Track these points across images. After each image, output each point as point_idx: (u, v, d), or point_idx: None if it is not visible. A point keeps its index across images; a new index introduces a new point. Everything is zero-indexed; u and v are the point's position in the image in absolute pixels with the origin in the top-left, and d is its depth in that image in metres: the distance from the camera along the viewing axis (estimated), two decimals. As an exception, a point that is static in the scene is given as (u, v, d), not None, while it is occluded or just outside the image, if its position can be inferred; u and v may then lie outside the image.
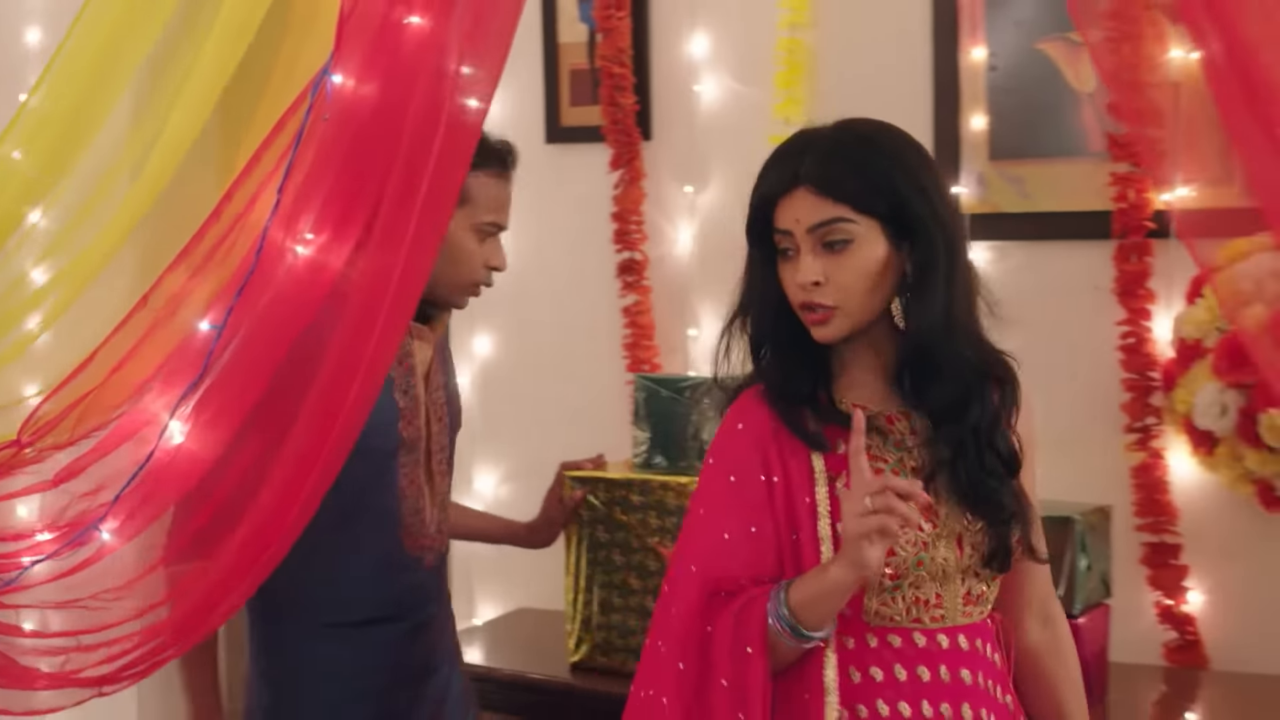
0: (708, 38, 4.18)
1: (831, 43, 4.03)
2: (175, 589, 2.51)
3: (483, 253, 2.91)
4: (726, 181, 4.14)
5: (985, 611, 2.31)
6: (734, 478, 2.29)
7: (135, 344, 2.42)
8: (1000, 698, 2.29)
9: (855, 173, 2.19)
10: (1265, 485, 3.37)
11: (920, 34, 3.89)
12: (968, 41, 3.83)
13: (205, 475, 2.36)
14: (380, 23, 2.23)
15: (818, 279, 2.18)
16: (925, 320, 2.20)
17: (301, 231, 2.26)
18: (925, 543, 2.21)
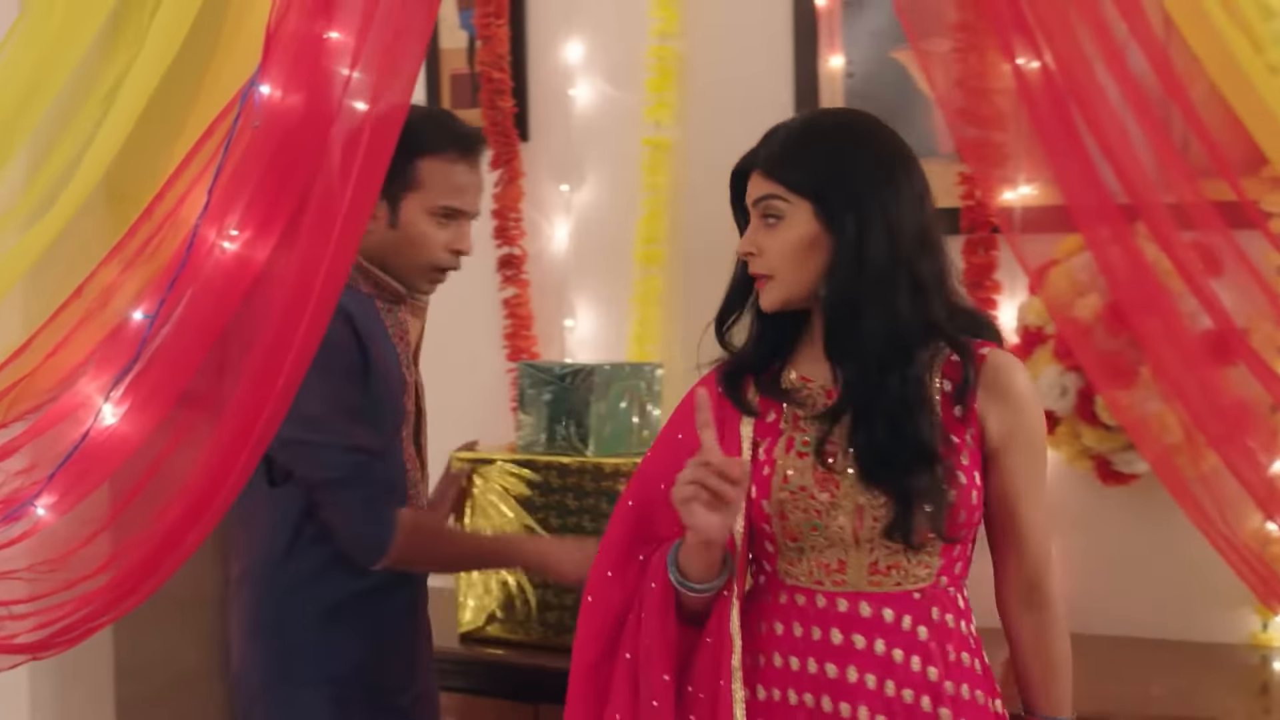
0: (582, 45, 4.28)
1: (700, 50, 4.15)
2: (110, 560, 2.60)
3: (443, 236, 2.92)
4: (600, 181, 4.26)
5: (905, 583, 2.35)
6: (680, 435, 2.46)
7: (69, 332, 2.57)
8: (921, 670, 2.33)
9: (793, 158, 2.36)
10: (1102, 461, 3.55)
11: (782, 43, 4.02)
12: (826, 50, 3.97)
13: (139, 453, 2.49)
14: (303, 37, 2.38)
15: (750, 250, 2.38)
16: (828, 297, 2.34)
17: (228, 228, 2.41)
18: (819, 510, 2.34)
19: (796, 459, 2.37)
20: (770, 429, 2.42)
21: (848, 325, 2.32)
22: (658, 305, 4.17)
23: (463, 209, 2.93)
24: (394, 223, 2.89)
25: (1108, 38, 2.56)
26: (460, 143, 2.91)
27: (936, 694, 2.32)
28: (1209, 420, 2.71)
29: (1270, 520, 2.93)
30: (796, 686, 2.35)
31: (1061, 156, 2.69)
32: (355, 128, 2.39)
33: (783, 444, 2.40)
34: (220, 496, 2.52)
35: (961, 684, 2.35)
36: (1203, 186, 2.64)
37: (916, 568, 2.35)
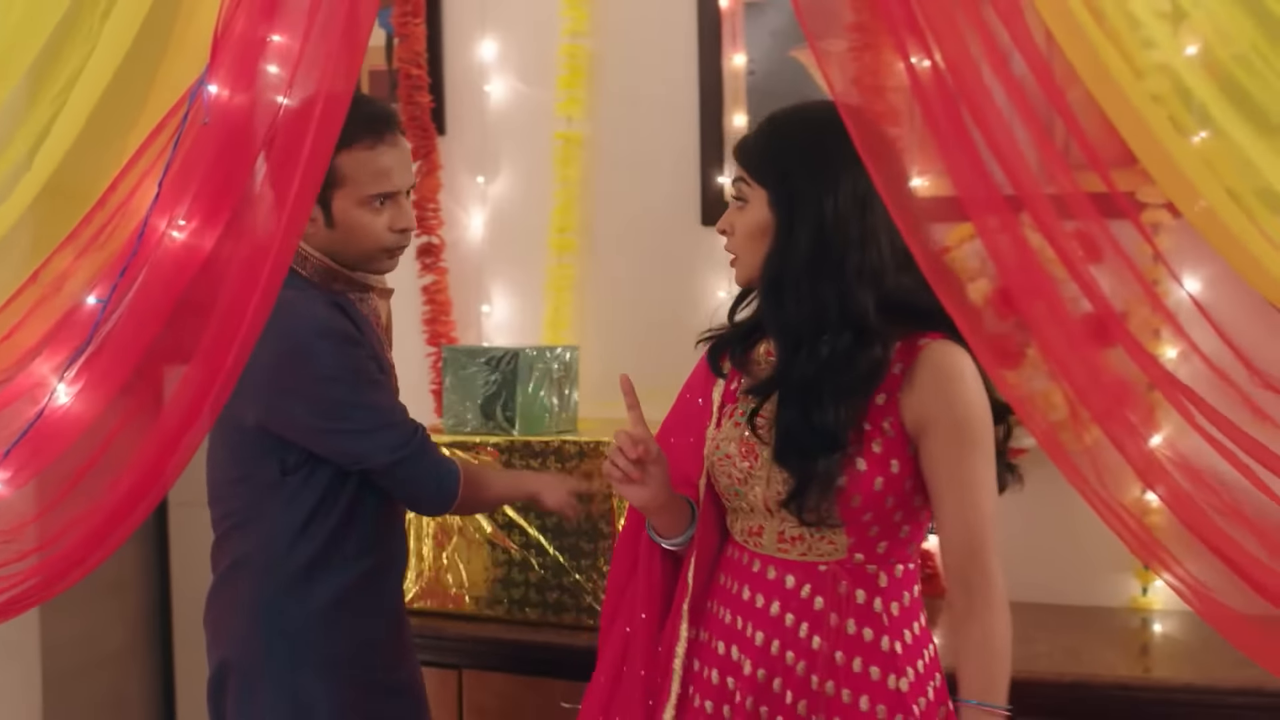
0: (496, 43, 4.38)
1: (609, 49, 4.27)
2: (57, 535, 2.70)
3: (382, 221, 2.91)
4: (515, 173, 4.37)
5: (810, 555, 2.48)
6: (687, 396, 2.72)
7: (24, 315, 2.66)
8: (806, 637, 2.46)
9: (757, 149, 2.53)
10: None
11: (687, 42, 4.14)
12: (729, 49, 4.09)
13: (91, 430, 2.61)
14: (249, 39, 2.52)
15: (724, 228, 2.53)
16: (759, 279, 2.50)
17: (177, 219, 2.54)
18: (740, 478, 2.52)
19: (732, 427, 2.56)
20: (732, 395, 2.62)
21: (773, 305, 2.47)
22: (570, 291, 4.28)
23: (393, 190, 2.91)
24: (330, 223, 2.91)
25: (992, 42, 2.67)
26: (372, 127, 2.87)
27: (812, 660, 2.45)
28: (1091, 397, 2.75)
29: (1149, 490, 3.04)
30: (719, 633, 2.55)
31: (952, 150, 2.70)
32: (299, 124, 2.51)
33: (729, 412, 2.61)
34: (168, 470, 2.62)
35: (855, 657, 2.46)
36: (1081, 179, 2.71)
37: (820, 543, 2.48)
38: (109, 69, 2.65)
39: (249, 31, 2.53)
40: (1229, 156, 2.62)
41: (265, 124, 2.56)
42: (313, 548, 2.93)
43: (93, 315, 2.60)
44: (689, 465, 2.68)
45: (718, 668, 2.55)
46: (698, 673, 2.58)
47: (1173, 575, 2.67)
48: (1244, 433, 2.59)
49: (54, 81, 2.68)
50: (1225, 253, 2.66)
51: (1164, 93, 2.66)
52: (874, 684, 2.45)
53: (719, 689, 2.54)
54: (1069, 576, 3.80)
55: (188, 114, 2.53)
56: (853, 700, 2.44)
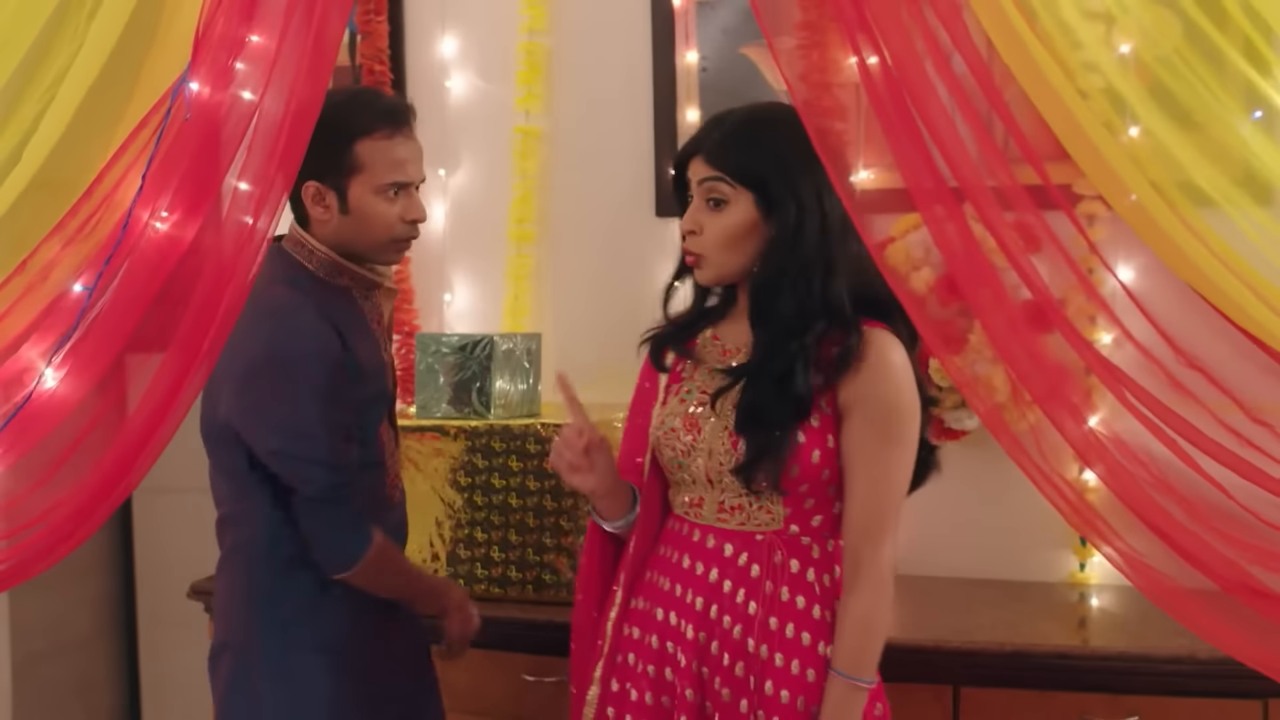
0: (457, 40, 4.44)
1: (566, 46, 4.34)
2: (39, 517, 2.81)
3: (395, 210, 2.92)
4: (475, 166, 4.42)
5: (749, 525, 2.61)
6: (644, 384, 2.85)
7: (12, 303, 2.75)
8: (743, 602, 2.57)
9: (738, 150, 2.58)
10: (936, 418, 3.78)
11: (641, 40, 4.21)
12: (682, 47, 4.16)
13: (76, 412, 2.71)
14: (229, 40, 2.62)
15: (693, 228, 2.58)
16: (756, 278, 2.59)
17: (160, 210, 2.64)
18: (684, 450, 2.65)
19: (678, 403, 2.69)
20: (677, 376, 2.75)
21: (769, 300, 2.56)
22: (529, 280, 4.36)
23: (407, 180, 2.93)
24: (345, 209, 2.91)
25: (935, 42, 2.75)
26: (390, 118, 2.90)
27: (748, 624, 2.56)
28: (1032, 380, 2.83)
29: (1088, 469, 3.16)
30: (659, 600, 2.68)
31: (900, 143, 2.78)
32: (276, 121, 2.61)
33: (674, 390, 2.74)
34: (144, 455, 2.71)
35: (787, 623, 2.56)
36: (1020, 173, 2.80)
37: (759, 513, 2.61)
38: (95, 67, 2.73)
39: (229, 32, 2.62)
40: (1154, 152, 2.76)
41: (244, 120, 2.65)
42: (298, 537, 2.95)
43: (79, 302, 2.68)
44: (642, 444, 2.83)
45: (657, 633, 2.67)
46: (639, 640, 2.71)
47: (1111, 548, 2.79)
48: (1170, 410, 2.71)
49: (42, 79, 2.76)
50: (1153, 244, 2.78)
51: (1094, 92, 2.79)
52: (804, 649, 2.55)
53: (659, 653, 2.67)
54: (1010, 554, 3.91)
55: (170, 110, 2.62)
56: (784, 664, 2.54)
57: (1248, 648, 2.69)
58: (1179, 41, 2.67)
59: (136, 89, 2.77)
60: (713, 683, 2.59)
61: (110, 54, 2.74)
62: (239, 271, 2.62)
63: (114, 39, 2.73)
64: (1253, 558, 2.64)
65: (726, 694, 2.57)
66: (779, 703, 2.54)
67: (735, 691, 2.57)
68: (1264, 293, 2.69)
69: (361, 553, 2.92)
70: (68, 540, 2.79)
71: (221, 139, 2.64)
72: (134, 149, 2.72)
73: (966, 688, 3.31)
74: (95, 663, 5.20)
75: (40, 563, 2.82)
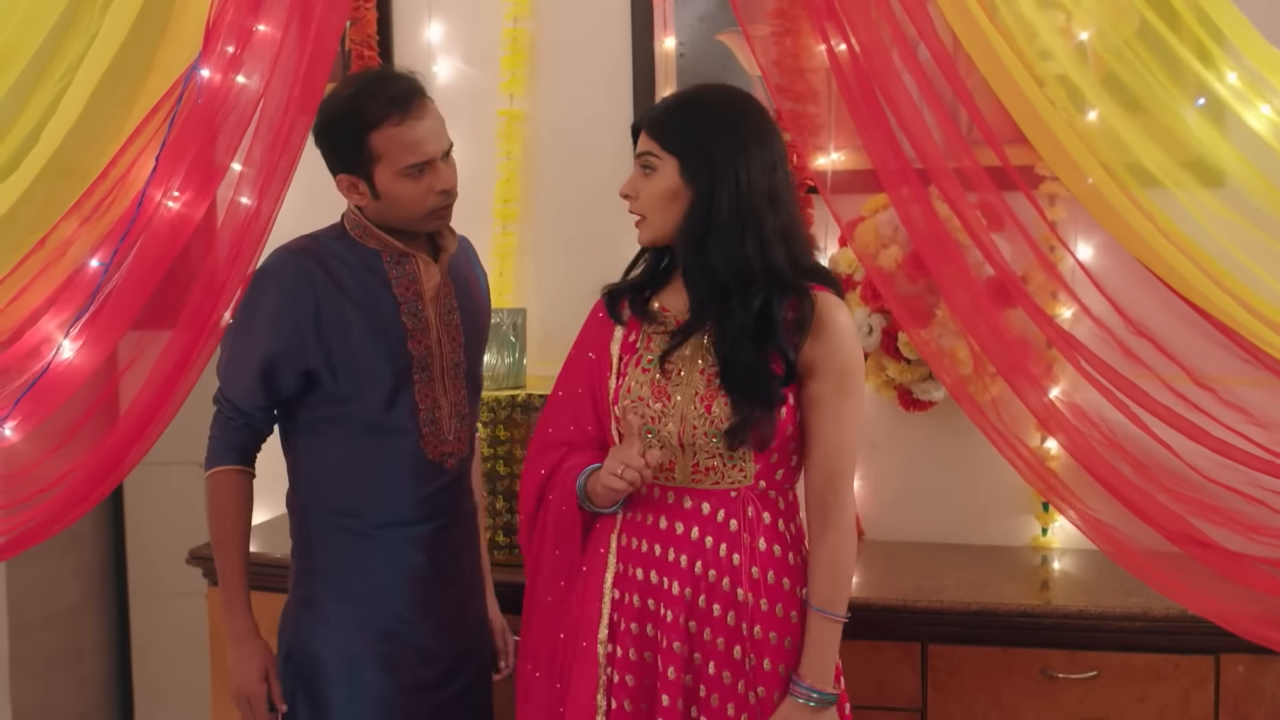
0: (442, 26, 4.46)
1: (548, 32, 4.37)
2: (65, 473, 2.93)
3: (422, 186, 2.93)
4: (461, 148, 3.94)
5: (723, 483, 2.70)
6: (574, 352, 2.90)
7: (33, 278, 2.87)
8: (726, 555, 2.68)
9: (668, 122, 2.69)
10: (904, 390, 3.89)
11: (621, 26, 4.26)
12: (660, 33, 4.21)
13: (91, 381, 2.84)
14: (238, 29, 2.75)
15: (629, 193, 2.70)
16: (679, 237, 2.70)
17: (172, 190, 2.79)
18: (654, 417, 2.74)
19: (640, 373, 2.78)
20: (630, 347, 2.83)
21: (696, 260, 2.68)
22: (514, 257, 4.42)
23: (426, 159, 2.93)
24: (376, 194, 2.94)
25: (900, 31, 2.90)
26: (397, 104, 2.89)
27: (735, 575, 2.68)
28: (996, 354, 3.01)
29: (1050, 437, 3.27)
30: (636, 562, 2.78)
31: (868, 127, 2.96)
32: (281, 105, 2.74)
33: (634, 360, 2.81)
34: (158, 420, 2.89)
35: (768, 570, 2.70)
36: (982, 156, 2.96)
37: (732, 471, 2.71)
38: (109, 54, 2.83)
39: (237, 20, 2.75)
40: (1107, 137, 2.86)
41: (251, 105, 2.77)
42: (326, 491, 3.05)
43: (95, 278, 2.82)
44: (580, 413, 2.88)
45: (639, 592, 2.78)
46: (619, 600, 2.80)
47: (1072, 510, 2.94)
48: (1125, 378, 2.86)
49: (58, 66, 2.87)
50: (1106, 224, 2.92)
51: (1050, 79, 2.89)
52: (785, 593, 2.70)
53: (641, 610, 2.77)
54: (975, 519, 4.00)
55: (182, 95, 2.75)
56: (769, 608, 2.68)
57: (1197, 598, 2.85)
58: (1130, 34, 2.78)
59: (149, 76, 2.86)
60: (702, 634, 2.71)
61: (124, 42, 2.83)
62: (245, 251, 2.74)
63: (127, 28, 2.83)
64: (1196, 511, 2.79)
65: (721, 643, 2.68)
66: (769, 644, 2.68)
67: (729, 639, 2.68)
68: (1208, 268, 2.82)
69: (205, 468, 3.01)
70: (81, 504, 2.94)
71: (230, 123, 2.76)
72: (147, 132, 2.83)
73: (934, 645, 3.40)
74: (86, 632, 5.26)
75: (56, 525, 2.97)
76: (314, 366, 2.96)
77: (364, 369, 2.99)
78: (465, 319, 3.16)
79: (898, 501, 4.07)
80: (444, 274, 3.11)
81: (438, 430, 3.09)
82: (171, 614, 5.10)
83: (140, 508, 5.25)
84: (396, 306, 3.02)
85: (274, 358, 2.94)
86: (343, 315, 2.96)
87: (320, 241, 3.01)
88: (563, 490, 2.83)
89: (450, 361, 3.12)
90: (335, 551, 3.07)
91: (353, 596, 3.05)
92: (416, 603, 3.08)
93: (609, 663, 2.76)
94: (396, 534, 3.08)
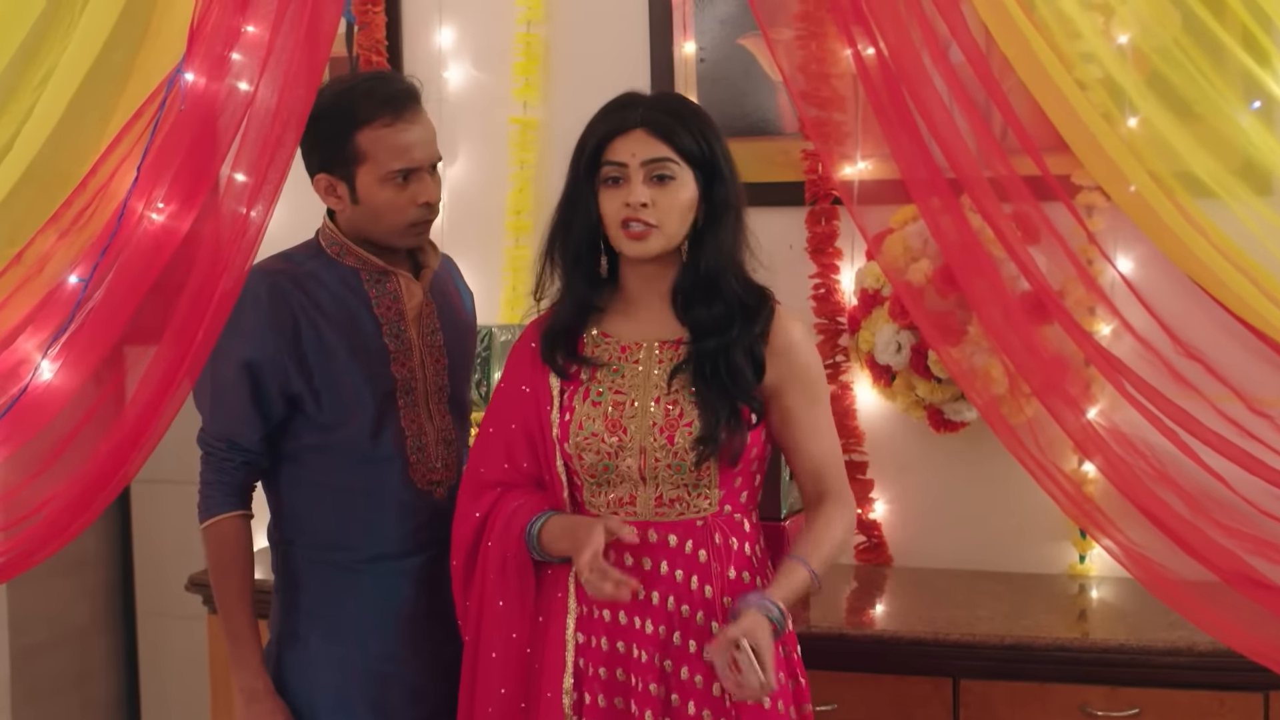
0: (454, 31, 4.41)
1: (563, 36, 4.31)
2: (37, 508, 2.81)
3: (405, 196, 2.86)
4: (472, 155, 4.39)
5: (688, 513, 2.66)
6: (504, 385, 2.81)
7: (8, 295, 2.76)
8: (699, 589, 2.64)
9: (681, 126, 2.63)
10: (934, 410, 3.80)
11: (639, 30, 4.19)
12: (680, 37, 4.14)
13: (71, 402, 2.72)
14: (225, 30, 2.63)
15: (646, 201, 2.59)
16: (712, 253, 2.65)
17: (155, 201, 2.66)
18: (609, 452, 2.65)
19: (591, 407, 2.69)
20: (573, 379, 2.73)
21: (719, 278, 2.64)
22: (526, 271, 4.12)
23: (413, 166, 2.87)
24: (355, 199, 2.88)
25: (932, 32, 2.79)
26: (391, 105, 2.83)
27: (710, 609, 2.63)
28: (1031, 372, 2.89)
29: (1087, 460, 3.16)
30: (601, 604, 2.67)
31: (896, 134, 2.86)
32: (271, 111, 2.62)
33: (580, 393, 2.71)
34: (142, 445, 2.74)
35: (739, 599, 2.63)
36: (1018, 164, 2.85)
37: (698, 499, 2.67)
38: (89, 56, 2.73)
39: (223, 22, 2.64)
40: (1153, 142, 2.75)
41: (239, 110, 2.65)
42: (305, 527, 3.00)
43: (74, 294, 2.70)
44: (513, 451, 2.77)
45: (606, 634, 2.68)
46: (583, 643, 2.70)
47: (1110, 540, 2.81)
48: (1170, 401, 2.73)
49: (36, 70, 2.76)
50: (1152, 234, 2.80)
51: (1092, 83, 2.78)
52: None
53: (610, 654, 2.68)
54: (1009, 545, 3.90)
55: (165, 100, 2.64)
56: None
57: (1247, 639, 2.71)
58: (1178, 31, 2.68)
59: (130, 79, 2.77)
60: (679, 673, 2.64)
61: (104, 44, 2.74)
62: (234, 263, 2.63)
63: (108, 29, 2.73)
64: (1253, 549, 2.66)
65: (699, 680, 2.62)
66: None
67: (707, 676, 2.61)
68: (1264, 284, 2.70)
69: (201, 519, 2.95)
70: (64, 532, 2.81)
71: (216, 129, 2.65)
72: (129, 140, 2.72)
73: (966, 679, 3.32)
74: (93, 654, 5.19)
75: (38, 554, 2.84)
76: (296, 390, 2.88)
77: (348, 394, 2.91)
78: (449, 340, 3.09)
79: (928, 526, 3.98)
80: (426, 293, 3.04)
81: (425, 458, 3.01)
82: (180, 635, 4.98)
83: (149, 528, 5.16)
84: (378, 328, 2.95)
85: (259, 376, 2.87)
86: (323, 338, 2.88)
87: (294, 261, 2.94)
88: (506, 536, 2.73)
89: (434, 385, 3.04)
90: (320, 587, 3.00)
91: (339, 635, 2.97)
92: (407, 640, 2.99)
93: (575, 712, 2.66)
94: (385, 568, 2.99)
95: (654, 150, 2.63)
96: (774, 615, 2.54)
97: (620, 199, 2.63)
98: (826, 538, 2.70)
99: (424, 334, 3.02)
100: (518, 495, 2.75)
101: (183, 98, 2.60)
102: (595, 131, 2.71)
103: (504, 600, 2.73)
